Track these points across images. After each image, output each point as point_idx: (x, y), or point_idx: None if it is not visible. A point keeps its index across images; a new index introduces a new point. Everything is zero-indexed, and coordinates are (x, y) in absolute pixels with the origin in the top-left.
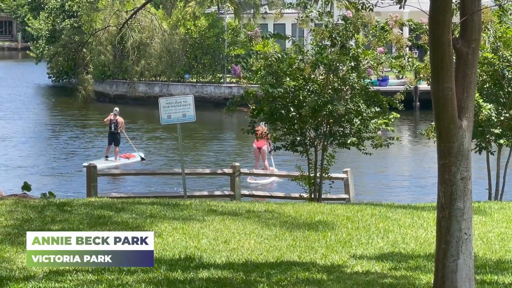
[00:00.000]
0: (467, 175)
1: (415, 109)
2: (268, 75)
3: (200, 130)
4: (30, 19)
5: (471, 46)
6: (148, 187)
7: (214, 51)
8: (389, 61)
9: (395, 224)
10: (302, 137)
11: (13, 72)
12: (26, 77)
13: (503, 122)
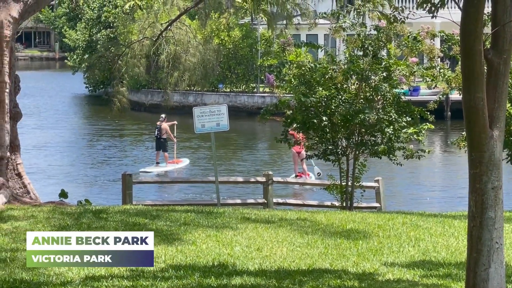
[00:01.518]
0: (498, 184)
1: (446, 119)
2: (301, 85)
3: (233, 139)
4: (67, 30)
5: (502, 57)
6: (184, 195)
7: (248, 61)
8: (420, 71)
9: (426, 232)
10: (334, 146)
11: (50, 81)
12: (63, 87)
13: None
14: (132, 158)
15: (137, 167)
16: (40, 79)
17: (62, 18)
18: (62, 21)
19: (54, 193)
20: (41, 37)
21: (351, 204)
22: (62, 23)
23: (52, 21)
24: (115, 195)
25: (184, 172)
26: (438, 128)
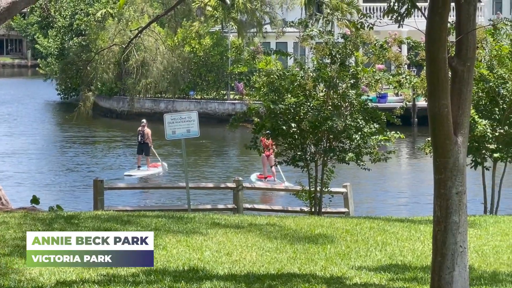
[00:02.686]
0: (462, 189)
1: (413, 125)
2: (270, 92)
3: (204, 146)
4: (39, 37)
5: (466, 64)
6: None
7: (218, 69)
8: (386, 78)
9: (393, 237)
10: (303, 152)
11: (23, 89)
12: (36, 94)
13: (498, 137)
14: (103, 164)
15: (109, 173)
16: (12, 86)
17: (34, 25)
18: (34, 29)
19: (26, 199)
20: (13, 44)
21: (320, 209)
22: (34, 30)
23: (24, 29)
24: (86, 201)
25: (164, 177)
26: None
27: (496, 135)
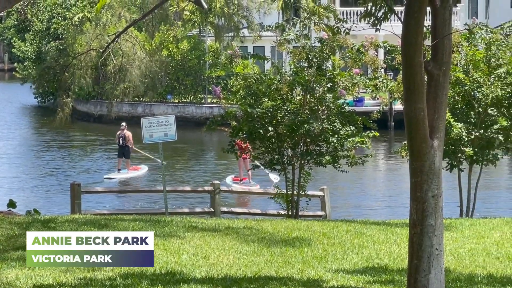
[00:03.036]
0: (438, 192)
1: (389, 129)
2: (247, 96)
3: (182, 149)
4: (16, 41)
5: (442, 69)
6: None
7: (196, 73)
8: (363, 82)
9: (370, 240)
10: (280, 156)
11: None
12: (13, 98)
13: (474, 141)
14: (81, 168)
15: (86, 177)
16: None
17: (11, 29)
18: (11, 33)
19: (2, 203)
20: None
21: (297, 212)
22: (11, 34)
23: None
24: (64, 205)
25: (144, 179)
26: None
27: (471, 138)
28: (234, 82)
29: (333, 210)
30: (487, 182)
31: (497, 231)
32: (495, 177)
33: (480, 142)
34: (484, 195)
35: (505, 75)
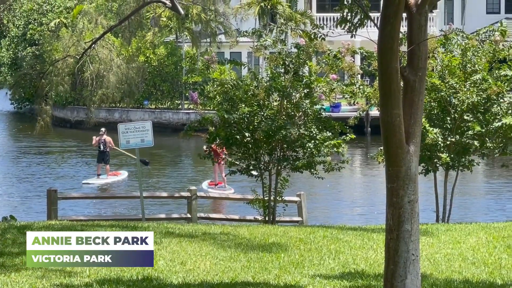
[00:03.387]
0: (414, 198)
1: (366, 134)
2: (224, 101)
3: (159, 155)
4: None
5: (417, 74)
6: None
7: (173, 79)
8: (340, 88)
9: (346, 245)
10: (257, 162)
11: None
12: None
13: (450, 146)
14: (57, 174)
15: (63, 183)
16: None
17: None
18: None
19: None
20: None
21: (274, 218)
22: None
23: None
24: (41, 211)
25: (123, 184)
26: (358, 143)
27: (447, 144)
28: (211, 88)
29: (309, 216)
30: (463, 187)
31: (473, 237)
32: (471, 183)
33: (456, 147)
34: (460, 201)
35: (481, 81)
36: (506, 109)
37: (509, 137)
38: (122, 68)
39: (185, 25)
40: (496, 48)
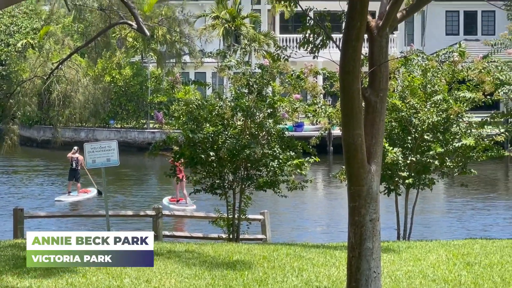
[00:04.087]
0: (375, 216)
1: (328, 154)
2: (189, 121)
3: (124, 174)
4: None
5: (379, 95)
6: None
7: (138, 98)
8: (303, 107)
9: (309, 263)
10: (221, 180)
11: None
12: None
13: (410, 166)
14: (23, 193)
15: (30, 202)
16: None
17: None
18: None
19: None
20: None
21: (238, 236)
22: None
23: None
24: (7, 231)
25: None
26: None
27: (408, 163)
28: (176, 107)
29: (273, 234)
30: (423, 205)
31: (433, 254)
32: (431, 201)
33: (416, 166)
34: (421, 219)
35: (441, 101)
36: (465, 129)
37: (468, 157)
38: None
39: (150, 46)
40: (455, 69)
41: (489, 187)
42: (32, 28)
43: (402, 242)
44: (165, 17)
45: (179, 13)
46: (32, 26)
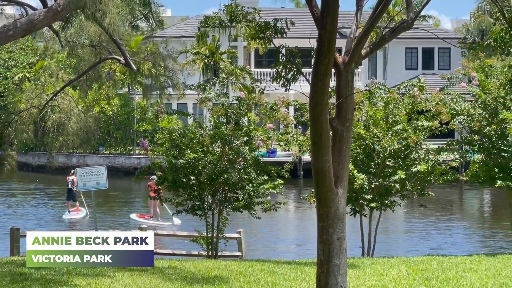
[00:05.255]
0: (342, 235)
1: (299, 177)
2: (171, 148)
3: (112, 196)
4: None
5: (345, 125)
6: None
7: (125, 127)
8: (276, 136)
9: (281, 278)
10: (201, 202)
11: None
12: None
13: (374, 189)
14: (20, 214)
15: (25, 222)
16: None
17: None
18: None
19: None
20: None
21: (216, 253)
22: None
23: None
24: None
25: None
26: (292, 185)
27: (372, 187)
28: (160, 135)
29: (249, 251)
30: (386, 225)
31: (395, 269)
32: (393, 221)
33: (379, 190)
34: (384, 237)
35: (401, 131)
36: (423, 156)
37: (426, 180)
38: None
39: (137, 79)
40: (415, 101)
41: (446, 208)
42: (28, 62)
43: (366, 259)
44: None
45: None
46: (28, 61)
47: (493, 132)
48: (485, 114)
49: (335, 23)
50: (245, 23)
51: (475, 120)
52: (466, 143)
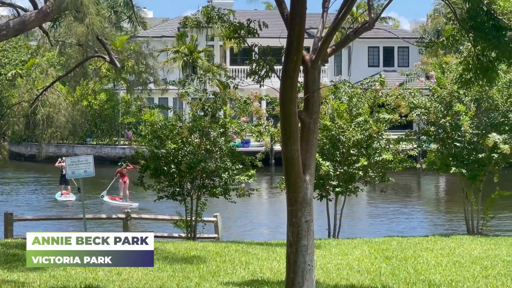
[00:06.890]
0: (310, 218)
1: (271, 166)
2: (153, 139)
3: (99, 184)
4: None
5: (312, 117)
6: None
7: (111, 119)
8: (249, 128)
9: (254, 257)
10: (181, 189)
11: None
12: None
13: (339, 176)
14: (13, 200)
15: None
16: None
17: None
18: None
19: None
20: None
21: (195, 235)
22: None
23: None
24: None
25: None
26: (264, 173)
27: (337, 174)
28: (143, 127)
29: (224, 233)
30: (350, 209)
31: (358, 249)
32: (357, 205)
33: (344, 176)
34: (348, 220)
35: (364, 122)
36: (384, 145)
37: (387, 168)
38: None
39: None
40: (376, 96)
41: (405, 193)
42: (21, 60)
43: (332, 240)
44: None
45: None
46: (20, 59)
47: (448, 123)
48: (441, 107)
49: (303, 24)
50: (220, 24)
51: (432, 112)
52: (423, 133)
